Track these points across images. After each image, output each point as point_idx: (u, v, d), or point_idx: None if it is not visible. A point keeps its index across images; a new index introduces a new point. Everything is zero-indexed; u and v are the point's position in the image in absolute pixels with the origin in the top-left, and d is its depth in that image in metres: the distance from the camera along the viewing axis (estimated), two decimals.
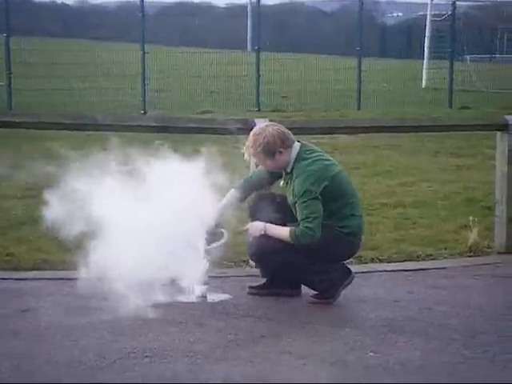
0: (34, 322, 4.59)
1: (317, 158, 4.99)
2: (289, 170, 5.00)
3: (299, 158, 4.97)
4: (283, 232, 4.93)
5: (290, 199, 4.99)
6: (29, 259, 5.89)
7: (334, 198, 4.95)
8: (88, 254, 4.77)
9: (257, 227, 5.01)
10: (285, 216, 4.99)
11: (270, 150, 4.96)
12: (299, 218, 4.88)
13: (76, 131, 6.78)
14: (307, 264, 4.93)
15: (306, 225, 4.85)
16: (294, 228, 4.90)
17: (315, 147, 5.14)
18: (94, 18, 31.03)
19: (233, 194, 5.16)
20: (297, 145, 5.03)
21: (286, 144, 4.98)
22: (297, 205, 4.90)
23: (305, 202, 4.86)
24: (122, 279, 4.73)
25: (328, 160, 5.05)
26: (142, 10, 17.67)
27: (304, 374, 4.02)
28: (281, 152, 4.97)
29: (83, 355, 4.13)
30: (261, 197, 5.21)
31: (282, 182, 5.11)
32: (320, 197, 4.87)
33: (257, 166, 5.37)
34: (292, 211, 4.98)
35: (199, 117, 11.90)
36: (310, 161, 4.95)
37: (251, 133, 5.05)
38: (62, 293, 5.12)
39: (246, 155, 5.07)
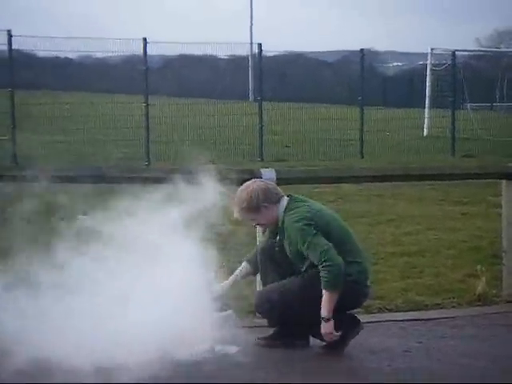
0: None
1: (306, 206, 4.99)
2: (280, 224, 5.01)
3: (288, 209, 4.98)
4: (327, 300, 4.83)
5: (289, 251, 4.99)
6: None
7: None
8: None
9: (329, 329, 4.88)
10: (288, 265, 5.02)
11: (253, 205, 4.99)
12: (316, 263, 4.84)
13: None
14: (315, 315, 4.90)
15: (323, 265, 4.80)
16: (322, 284, 4.84)
17: (306, 199, 5.13)
18: (98, 71, 31.33)
19: (244, 266, 5.27)
20: (285, 199, 5.05)
21: (270, 199, 5.00)
22: (304, 252, 4.88)
23: (307, 243, 4.84)
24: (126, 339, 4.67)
25: (319, 210, 5.03)
26: (145, 63, 17.86)
27: None
28: (266, 207, 4.99)
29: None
30: (267, 245, 5.22)
31: (277, 237, 5.09)
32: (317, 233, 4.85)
33: (263, 232, 5.41)
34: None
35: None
36: (296, 210, 4.95)
37: (238, 190, 5.10)
38: None
39: (235, 213, 5.09)
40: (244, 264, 5.30)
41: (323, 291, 4.84)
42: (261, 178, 5.87)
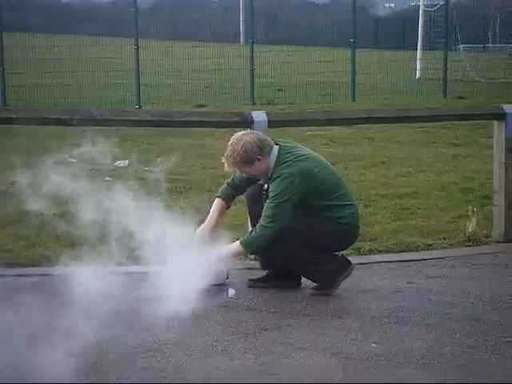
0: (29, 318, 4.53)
1: (295, 159, 4.97)
2: (269, 175, 5.01)
3: (278, 162, 4.97)
4: (232, 249, 4.99)
5: None
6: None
7: (321, 194, 4.98)
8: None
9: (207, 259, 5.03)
10: None
11: (248, 158, 4.96)
12: (262, 214, 4.92)
13: (72, 127, 6.73)
14: (307, 255, 4.93)
15: (262, 224, 4.90)
16: (243, 236, 4.96)
17: (296, 146, 5.10)
18: (87, 13, 30.96)
19: (217, 203, 5.24)
20: (275, 149, 5.02)
21: (264, 151, 4.97)
22: (265, 204, 4.92)
23: (271, 203, 4.90)
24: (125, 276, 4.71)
25: (307, 159, 5.01)
26: (134, 4, 17.62)
27: (306, 365, 4.02)
28: (259, 159, 4.98)
29: (87, 350, 4.11)
30: (255, 190, 5.21)
31: (265, 186, 5.07)
32: (293, 199, 4.87)
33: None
34: None
35: (196, 110, 11.88)
36: (286, 164, 4.94)
37: (229, 142, 5.04)
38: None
39: (225, 166, 5.06)
40: (216, 201, 5.25)
41: (236, 244, 4.94)
42: (252, 120, 5.85)
